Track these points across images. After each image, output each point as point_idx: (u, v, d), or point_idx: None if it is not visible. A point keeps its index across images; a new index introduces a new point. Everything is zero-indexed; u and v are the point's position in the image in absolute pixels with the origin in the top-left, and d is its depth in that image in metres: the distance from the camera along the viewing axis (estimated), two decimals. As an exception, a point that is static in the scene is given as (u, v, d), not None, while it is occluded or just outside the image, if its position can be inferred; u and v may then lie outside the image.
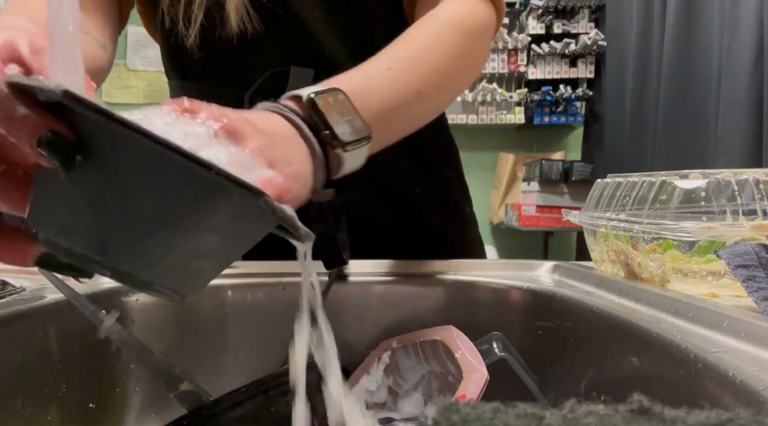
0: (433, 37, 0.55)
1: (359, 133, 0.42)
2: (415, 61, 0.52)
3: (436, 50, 0.54)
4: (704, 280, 0.48)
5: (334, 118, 0.41)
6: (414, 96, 0.51)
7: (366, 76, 0.49)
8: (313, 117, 0.40)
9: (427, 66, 0.53)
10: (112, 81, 3.40)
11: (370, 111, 0.45)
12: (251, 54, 0.67)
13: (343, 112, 0.42)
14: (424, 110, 0.55)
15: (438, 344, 0.48)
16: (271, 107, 0.40)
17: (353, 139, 0.41)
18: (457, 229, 0.76)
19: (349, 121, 0.42)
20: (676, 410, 0.19)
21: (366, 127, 0.43)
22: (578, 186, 2.92)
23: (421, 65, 0.52)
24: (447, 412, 0.20)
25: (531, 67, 3.18)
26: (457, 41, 0.56)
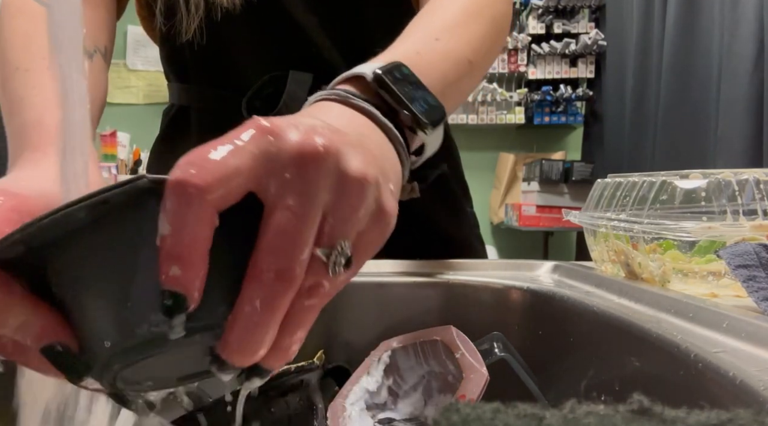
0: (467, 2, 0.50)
1: (437, 112, 0.36)
2: (461, 29, 0.47)
3: (476, 17, 0.49)
4: (704, 280, 0.48)
5: (408, 95, 0.34)
6: (466, 67, 0.46)
7: (417, 51, 0.42)
8: (385, 98, 0.34)
9: (474, 34, 0.48)
10: (112, 81, 3.40)
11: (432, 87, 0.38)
12: (249, 58, 0.67)
13: (413, 87, 0.36)
14: (474, 80, 0.50)
15: (438, 344, 0.48)
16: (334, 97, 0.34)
17: (434, 119, 0.35)
18: (457, 229, 0.76)
19: (422, 97, 0.35)
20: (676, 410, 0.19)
21: (439, 103, 0.37)
22: (578, 186, 2.92)
23: (467, 34, 0.47)
24: (447, 412, 0.19)
25: (531, 67, 3.18)
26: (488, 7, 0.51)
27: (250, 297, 0.23)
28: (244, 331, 0.23)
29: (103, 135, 3.22)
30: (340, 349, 0.56)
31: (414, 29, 0.47)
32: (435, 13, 0.49)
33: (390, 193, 0.28)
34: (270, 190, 0.24)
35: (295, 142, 0.24)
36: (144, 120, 3.28)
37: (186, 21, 0.63)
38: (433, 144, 0.37)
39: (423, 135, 0.35)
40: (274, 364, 0.26)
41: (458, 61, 0.45)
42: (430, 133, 0.35)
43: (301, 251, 0.23)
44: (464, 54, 0.46)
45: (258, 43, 0.66)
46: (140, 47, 3.36)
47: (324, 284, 0.25)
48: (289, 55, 0.66)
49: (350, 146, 0.26)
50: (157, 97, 3.38)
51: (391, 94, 0.34)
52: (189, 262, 0.22)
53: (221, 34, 0.65)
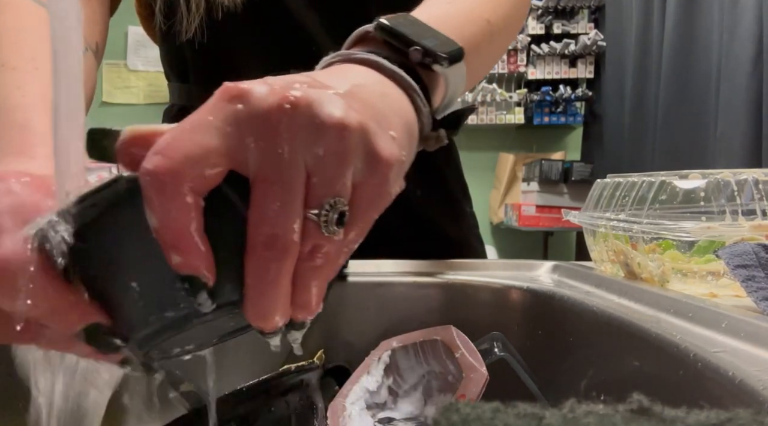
0: None
1: (451, 44, 0.33)
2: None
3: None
4: (704, 280, 0.48)
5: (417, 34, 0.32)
6: (486, 29, 0.43)
7: (429, 13, 0.39)
8: (391, 42, 0.32)
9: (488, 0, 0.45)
10: (112, 81, 3.40)
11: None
12: (250, 57, 0.67)
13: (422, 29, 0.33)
14: (495, 47, 0.47)
15: (438, 344, 0.48)
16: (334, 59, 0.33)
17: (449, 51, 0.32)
18: (457, 229, 0.76)
19: (433, 35, 0.33)
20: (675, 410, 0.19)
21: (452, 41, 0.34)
22: (578, 186, 2.92)
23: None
24: (447, 412, 0.20)
25: (531, 68, 3.18)
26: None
27: (251, 269, 0.23)
28: (256, 301, 0.24)
29: (102, 135, 3.21)
30: (340, 349, 0.56)
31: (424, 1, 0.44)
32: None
33: (390, 139, 0.26)
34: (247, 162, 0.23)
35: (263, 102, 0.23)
36: (144, 120, 3.24)
37: (186, 20, 0.63)
38: (455, 81, 0.33)
39: (440, 69, 0.32)
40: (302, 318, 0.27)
41: (474, 19, 0.42)
42: (447, 66, 0.32)
43: (288, 218, 0.23)
44: (480, 13, 0.43)
45: (259, 42, 0.66)
46: (140, 47, 3.36)
47: (323, 245, 0.24)
48: (290, 54, 0.66)
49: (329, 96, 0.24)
50: (158, 98, 3.38)
51: (397, 36, 0.32)
52: (186, 247, 0.22)
53: (222, 33, 0.65)
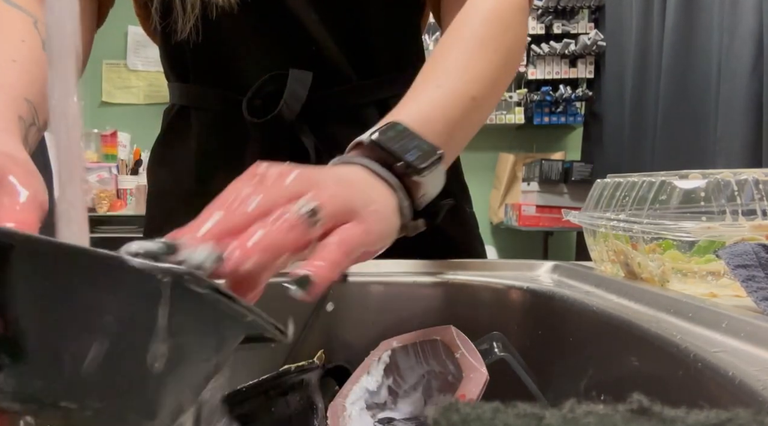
0: (475, 39, 0.54)
1: (431, 155, 0.42)
2: (462, 71, 0.51)
3: (480, 53, 0.53)
4: (704, 280, 0.48)
5: (401, 148, 0.41)
6: (471, 105, 0.50)
7: (418, 104, 0.48)
8: (381, 154, 0.40)
9: (477, 72, 0.52)
10: (112, 81, 3.40)
11: (435, 134, 0.45)
12: (249, 56, 0.66)
13: (407, 139, 0.42)
14: (482, 114, 0.54)
15: (438, 344, 0.48)
16: (338, 162, 0.41)
17: (427, 163, 0.41)
18: (457, 229, 0.76)
19: (416, 146, 0.42)
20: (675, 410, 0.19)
21: (434, 147, 0.43)
22: (578, 186, 2.92)
23: (469, 73, 0.51)
24: (447, 412, 0.20)
25: (531, 68, 3.18)
26: (499, 37, 0.55)
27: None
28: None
29: (103, 135, 3.22)
30: (340, 349, 0.56)
31: (426, 72, 0.52)
32: (439, 59, 0.53)
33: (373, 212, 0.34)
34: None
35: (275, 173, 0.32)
36: (144, 120, 3.29)
37: (182, 20, 0.63)
38: (431, 184, 0.42)
39: (419, 178, 0.40)
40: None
41: (460, 100, 0.49)
42: (426, 174, 0.41)
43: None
44: (467, 93, 0.50)
45: (258, 41, 0.66)
46: (140, 47, 3.36)
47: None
48: (290, 53, 0.66)
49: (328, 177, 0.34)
50: (158, 97, 3.38)
51: (386, 150, 0.40)
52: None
53: (220, 32, 0.65)
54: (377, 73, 0.69)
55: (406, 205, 0.40)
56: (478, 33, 0.54)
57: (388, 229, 0.36)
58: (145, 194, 0.78)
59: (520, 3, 0.59)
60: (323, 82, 0.66)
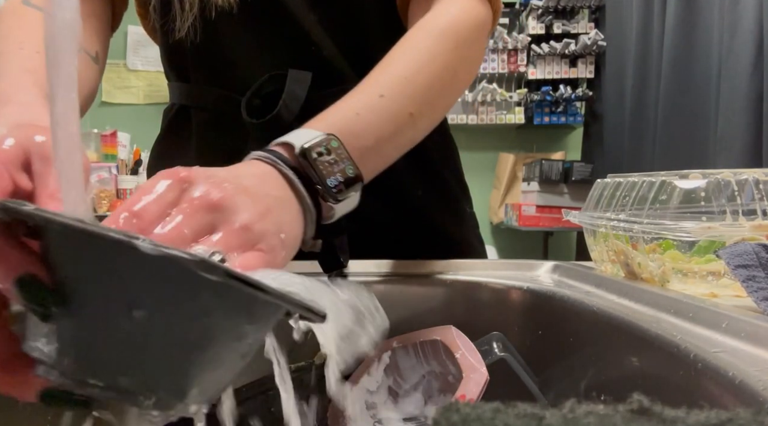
0: (426, 52, 0.54)
1: (352, 183, 0.43)
2: (407, 83, 0.51)
3: (429, 67, 0.53)
4: (704, 280, 0.48)
5: (327, 170, 0.41)
6: (407, 120, 0.51)
7: (356, 112, 0.48)
8: (306, 170, 0.41)
9: (420, 86, 0.52)
10: (112, 81, 3.40)
11: (363, 148, 0.46)
12: (249, 57, 0.66)
13: (336, 161, 0.42)
14: (417, 131, 0.55)
15: (438, 344, 0.48)
16: (264, 157, 0.41)
17: (345, 195, 0.42)
18: (457, 229, 0.76)
19: (341, 170, 0.42)
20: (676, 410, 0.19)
21: (357, 172, 0.44)
22: (578, 186, 2.92)
23: (413, 87, 0.51)
24: (447, 412, 0.20)
25: (531, 67, 3.18)
26: (451, 52, 0.55)
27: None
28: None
29: (103, 135, 3.21)
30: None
31: (372, 77, 0.52)
32: (395, 60, 0.53)
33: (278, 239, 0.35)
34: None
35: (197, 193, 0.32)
36: (144, 120, 3.28)
37: (180, 18, 0.63)
38: (342, 210, 0.43)
39: (334, 204, 0.42)
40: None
41: (398, 117, 0.50)
42: (342, 199, 0.42)
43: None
44: (406, 109, 0.51)
45: (257, 42, 0.66)
46: (140, 47, 3.36)
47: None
48: (289, 53, 0.66)
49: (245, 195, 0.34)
50: (158, 97, 3.38)
51: (312, 167, 0.41)
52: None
53: (220, 33, 0.65)
54: None
55: (311, 228, 0.41)
56: (430, 46, 0.54)
57: (286, 257, 0.37)
58: (144, 194, 0.78)
59: (481, 20, 0.60)
60: (322, 82, 0.66)
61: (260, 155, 0.41)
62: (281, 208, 0.37)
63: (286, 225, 0.37)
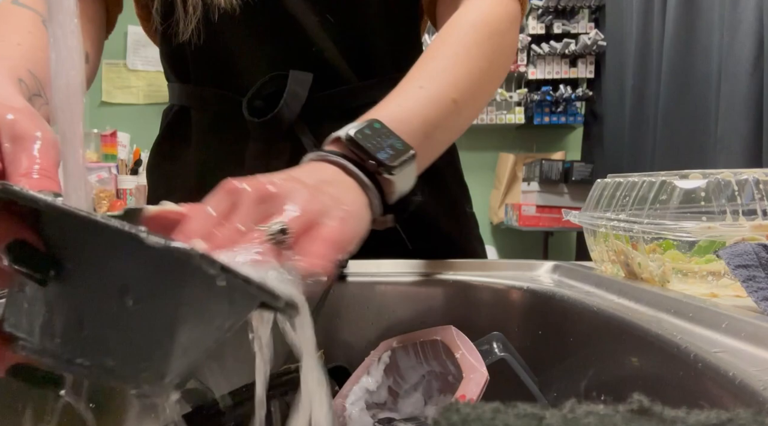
0: (461, 44, 0.55)
1: (403, 154, 0.43)
2: (446, 73, 0.52)
3: (465, 57, 0.54)
4: (704, 280, 0.48)
5: (375, 146, 0.42)
6: (451, 108, 0.51)
7: (399, 103, 0.49)
8: (354, 151, 0.42)
9: (459, 76, 0.53)
10: (112, 81, 3.40)
11: (411, 133, 0.46)
12: (250, 58, 0.67)
13: (382, 137, 0.43)
14: (464, 118, 0.56)
15: (438, 344, 0.48)
16: (315, 157, 0.42)
17: (398, 162, 0.43)
18: (457, 229, 0.76)
19: (390, 144, 0.43)
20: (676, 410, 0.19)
21: (407, 146, 0.44)
22: (578, 186, 2.92)
23: (452, 76, 0.53)
24: (447, 412, 0.20)
25: (531, 67, 3.18)
26: (486, 43, 0.56)
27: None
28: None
29: (103, 135, 3.21)
30: (340, 349, 0.56)
31: (411, 74, 0.53)
32: (424, 63, 0.55)
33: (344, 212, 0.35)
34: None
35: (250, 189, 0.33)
36: (144, 120, 3.28)
37: (183, 22, 0.63)
38: (402, 181, 0.44)
39: (390, 176, 0.42)
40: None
41: (441, 103, 0.51)
42: (397, 172, 0.42)
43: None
44: (448, 95, 0.51)
45: (258, 43, 0.66)
46: (140, 47, 3.36)
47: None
48: (290, 54, 0.66)
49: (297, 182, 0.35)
50: (158, 97, 3.38)
51: (359, 148, 0.41)
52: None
53: (221, 34, 0.65)
54: (377, 74, 0.69)
55: (376, 202, 0.41)
56: (464, 39, 0.55)
57: (359, 226, 0.38)
58: (144, 194, 0.78)
59: (511, 13, 0.60)
60: (323, 83, 0.66)
61: (312, 156, 0.43)
62: (336, 187, 0.38)
63: (347, 199, 0.38)
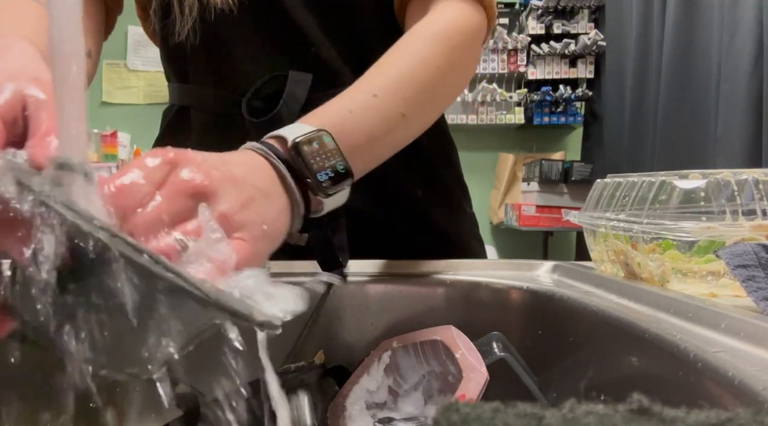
0: (419, 55, 0.55)
1: (342, 180, 0.43)
2: (400, 84, 0.52)
3: (421, 70, 0.54)
4: (704, 280, 0.48)
5: (318, 164, 0.42)
6: (399, 121, 0.52)
7: (350, 109, 0.49)
8: (297, 163, 0.41)
9: (413, 88, 0.53)
10: (112, 81, 3.40)
11: (355, 145, 0.47)
12: (249, 58, 0.67)
13: (327, 156, 0.43)
14: (409, 132, 0.56)
15: (438, 344, 0.49)
16: (257, 148, 0.41)
17: (335, 188, 0.42)
18: (457, 229, 0.76)
19: (332, 166, 0.43)
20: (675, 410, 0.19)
21: (348, 170, 0.44)
22: (578, 186, 2.92)
23: (406, 88, 0.52)
24: (447, 411, 0.20)
25: (531, 68, 3.18)
26: (444, 57, 0.56)
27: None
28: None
29: (103, 135, 3.22)
30: (340, 349, 0.56)
31: (367, 77, 0.53)
32: (389, 62, 0.54)
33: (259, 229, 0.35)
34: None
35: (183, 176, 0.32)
36: (144, 120, 3.28)
37: (180, 22, 0.64)
38: (331, 204, 0.44)
39: (323, 197, 0.42)
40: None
41: (390, 117, 0.51)
42: (329, 197, 0.42)
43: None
44: (398, 109, 0.51)
45: (257, 43, 0.66)
46: (140, 47, 3.36)
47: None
48: (289, 55, 0.66)
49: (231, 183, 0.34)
50: (158, 98, 3.38)
51: (303, 161, 0.41)
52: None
53: (219, 35, 0.65)
54: None
55: (298, 219, 0.41)
56: (423, 50, 0.55)
57: (269, 247, 0.37)
58: (145, 194, 0.78)
59: (475, 26, 0.60)
60: (321, 83, 0.66)
61: (254, 146, 0.41)
62: (266, 199, 0.37)
63: (270, 216, 0.37)
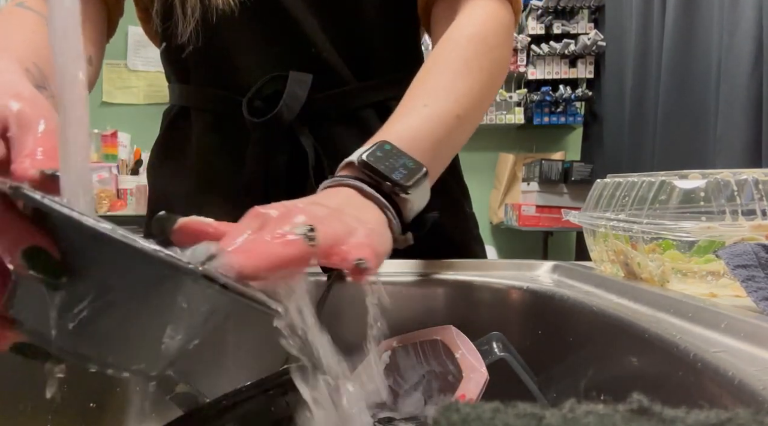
0: (461, 59, 0.56)
1: (416, 173, 0.45)
2: (447, 90, 0.54)
3: (465, 73, 0.56)
4: (703, 280, 0.48)
5: (389, 168, 0.44)
6: (455, 124, 0.53)
7: (405, 123, 0.51)
8: (369, 174, 0.43)
9: (461, 92, 0.54)
10: (112, 81, 3.40)
11: (420, 152, 0.48)
12: (250, 58, 0.67)
13: (393, 158, 0.45)
14: (467, 132, 0.57)
15: (438, 344, 0.49)
16: (331, 183, 0.43)
17: (413, 181, 0.44)
18: (457, 229, 0.76)
19: (402, 164, 0.45)
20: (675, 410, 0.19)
21: (419, 164, 0.46)
22: (578, 186, 2.92)
23: (454, 93, 0.54)
24: (447, 411, 0.20)
25: (531, 68, 3.18)
26: (484, 57, 0.57)
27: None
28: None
29: (103, 135, 3.22)
30: (340, 349, 0.56)
31: (413, 91, 0.55)
32: (426, 79, 0.56)
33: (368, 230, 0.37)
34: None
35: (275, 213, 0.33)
36: (144, 120, 3.28)
37: (182, 23, 0.64)
38: (418, 199, 0.45)
39: (406, 195, 0.43)
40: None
41: (446, 120, 0.52)
42: (412, 191, 0.44)
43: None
44: (452, 112, 0.53)
45: (258, 43, 0.66)
46: (141, 48, 3.36)
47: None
48: (289, 55, 0.66)
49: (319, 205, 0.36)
50: (158, 98, 3.38)
51: (373, 171, 0.43)
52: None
53: (221, 35, 0.65)
54: (376, 75, 0.69)
55: (395, 222, 0.43)
56: (462, 53, 0.57)
57: (384, 244, 0.39)
58: (145, 194, 0.78)
59: (505, 23, 0.61)
60: (322, 84, 0.66)
61: (326, 183, 0.44)
62: (357, 209, 0.40)
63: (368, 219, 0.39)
